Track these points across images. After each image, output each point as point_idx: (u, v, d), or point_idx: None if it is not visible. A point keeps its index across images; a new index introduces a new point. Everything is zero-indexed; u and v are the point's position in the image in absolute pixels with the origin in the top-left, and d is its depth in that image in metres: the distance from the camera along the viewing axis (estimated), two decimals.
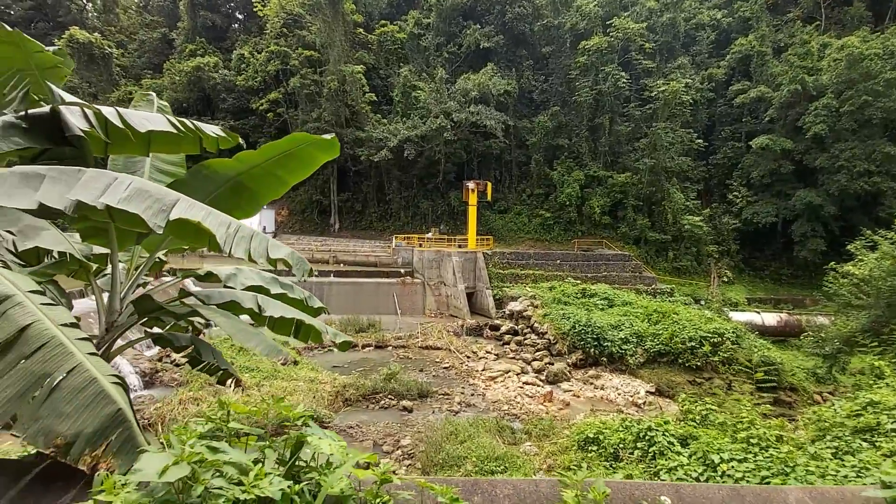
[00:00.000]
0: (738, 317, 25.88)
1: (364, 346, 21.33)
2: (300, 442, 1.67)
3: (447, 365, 19.61)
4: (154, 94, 4.84)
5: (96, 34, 38.60)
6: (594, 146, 36.16)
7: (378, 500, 1.57)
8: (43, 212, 3.13)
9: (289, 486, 1.41)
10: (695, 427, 10.05)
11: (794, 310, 29.07)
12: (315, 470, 1.61)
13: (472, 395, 16.89)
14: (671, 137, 33.31)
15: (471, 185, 30.05)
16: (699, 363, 18.87)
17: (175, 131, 3.58)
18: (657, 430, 9.64)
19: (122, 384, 1.85)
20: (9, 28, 2.86)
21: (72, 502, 1.59)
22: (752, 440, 8.00)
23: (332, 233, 37.35)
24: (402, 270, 28.30)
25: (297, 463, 1.65)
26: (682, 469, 8.10)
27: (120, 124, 3.07)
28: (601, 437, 10.29)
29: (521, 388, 17.94)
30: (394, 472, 1.70)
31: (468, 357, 20.80)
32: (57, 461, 1.67)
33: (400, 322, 24.57)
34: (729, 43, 39.37)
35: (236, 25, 42.93)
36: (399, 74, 36.88)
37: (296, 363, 18.47)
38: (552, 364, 19.85)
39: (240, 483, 1.37)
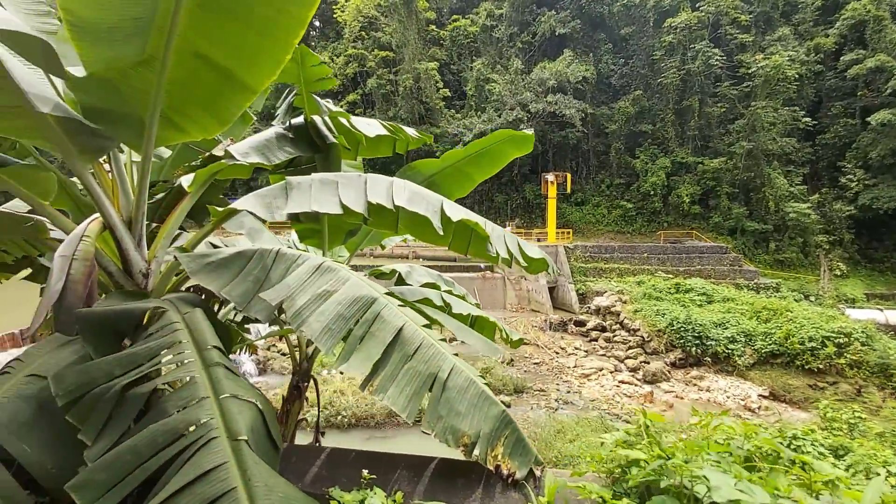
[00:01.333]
0: (857, 314, 23.08)
1: (451, 341, 21.59)
2: None
3: (537, 360, 19.37)
4: (329, 101, 5.06)
5: None
6: (681, 130, 33.83)
7: None
8: (310, 216, 3.30)
9: None
10: (843, 437, 9.07)
11: None
12: None
13: (568, 392, 16.55)
14: (772, 117, 30.32)
15: (550, 177, 29.35)
16: (820, 365, 17.11)
17: (390, 134, 3.70)
18: (805, 439, 8.84)
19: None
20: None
21: (485, 498, 1.64)
22: None
23: None
24: (482, 265, 28.25)
25: None
26: (841, 482, 7.33)
27: (367, 131, 3.20)
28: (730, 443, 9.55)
29: (618, 386, 17.30)
30: None
31: (556, 353, 20.41)
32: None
33: None
34: (838, 8, 34.97)
35: (314, 32, 44.98)
36: (472, 68, 36.72)
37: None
38: (648, 363, 18.94)
39: None
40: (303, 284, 1.86)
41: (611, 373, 18.58)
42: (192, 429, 1.34)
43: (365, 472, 1.80)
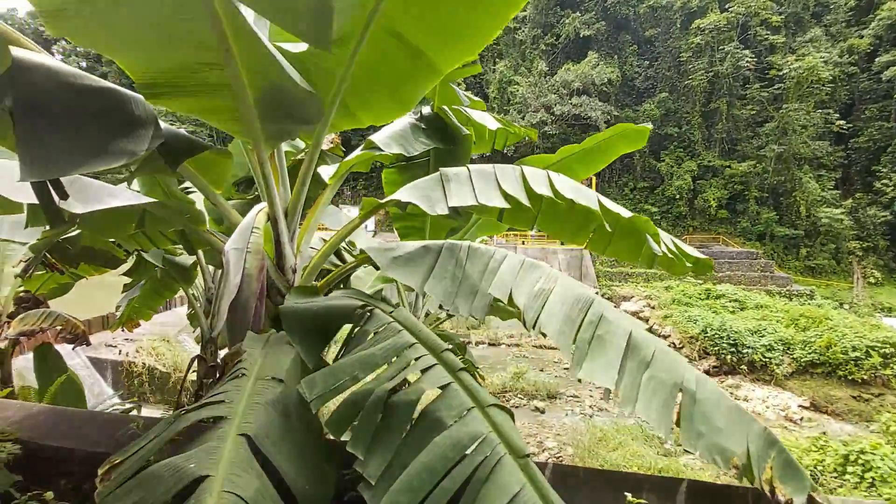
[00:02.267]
0: (894, 324, 22.32)
1: (478, 343, 21.41)
2: None
3: (567, 365, 19.02)
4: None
5: None
6: (708, 133, 33.23)
7: None
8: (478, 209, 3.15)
9: None
10: None
11: None
12: None
13: (602, 398, 16.21)
14: (805, 120, 29.62)
15: None
16: (864, 376, 16.51)
17: (503, 127, 3.54)
18: (874, 454, 8.49)
19: None
20: None
21: None
22: None
23: None
24: None
25: None
26: None
27: (488, 124, 3.04)
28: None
29: None
30: None
31: None
32: None
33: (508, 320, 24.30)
34: (873, 9, 34.12)
35: None
36: (494, 70, 36.55)
37: None
38: None
39: None
40: (517, 281, 1.69)
41: None
42: (475, 444, 1.17)
43: (629, 496, 1.60)
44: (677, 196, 32.16)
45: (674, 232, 33.04)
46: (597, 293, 1.81)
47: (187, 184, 4.04)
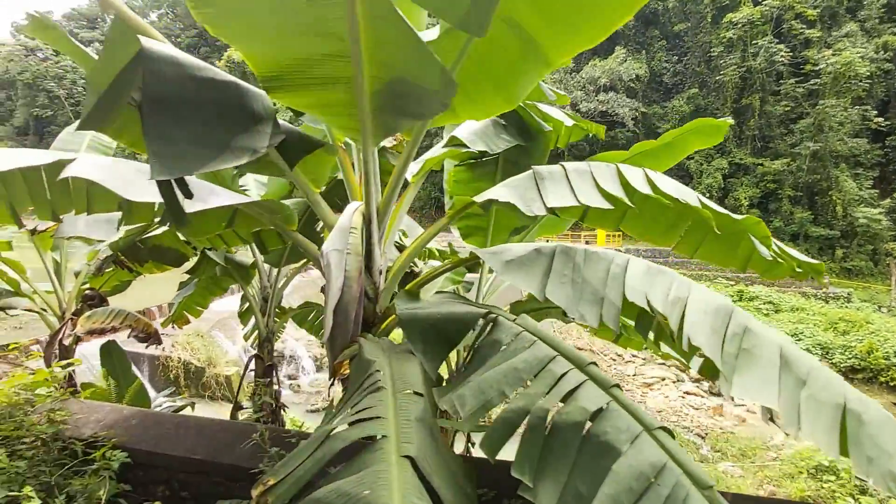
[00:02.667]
0: None
1: None
2: None
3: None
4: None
5: None
6: (740, 130, 32.26)
7: None
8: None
9: None
10: None
11: None
12: None
13: (632, 401, 15.88)
14: (842, 116, 28.50)
15: None
16: None
17: (577, 123, 3.40)
18: None
19: None
20: None
21: None
22: None
23: (450, 230, 37.88)
24: None
25: None
26: None
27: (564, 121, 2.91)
28: (838, 465, 8.82)
29: (683, 397, 16.49)
30: None
31: (613, 360, 19.70)
32: None
33: None
34: None
35: None
36: None
37: None
38: None
39: None
40: (649, 288, 1.56)
41: (673, 382, 17.74)
42: (657, 475, 1.05)
43: None
44: (707, 194, 31.26)
45: None
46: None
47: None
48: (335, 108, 1.58)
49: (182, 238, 2.96)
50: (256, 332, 5.42)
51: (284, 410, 4.08)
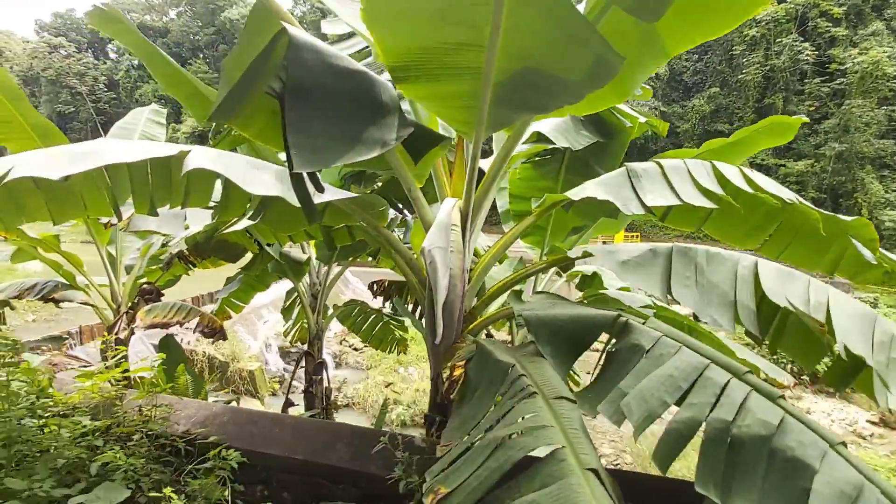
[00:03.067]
0: None
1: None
2: None
3: None
4: None
5: None
6: None
7: None
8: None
9: None
10: None
11: None
12: None
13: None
14: (868, 117, 27.83)
15: None
16: None
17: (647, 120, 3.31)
18: None
19: None
20: None
21: None
22: None
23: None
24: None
25: None
26: None
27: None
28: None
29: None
30: None
31: None
32: None
33: None
34: None
35: None
36: None
37: None
38: None
39: None
40: (787, 292, 1.48)
41: None
42: (857, 495, 0.97)
43: None
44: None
45: (701, 232, 31.71)
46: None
47: None
48: (454, 99, 1.52)
49: (248, 234, 2.93)
50: (296, 329, 5.42)
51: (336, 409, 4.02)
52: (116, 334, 3.71)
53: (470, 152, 1.71)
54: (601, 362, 1.39)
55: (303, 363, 4.30)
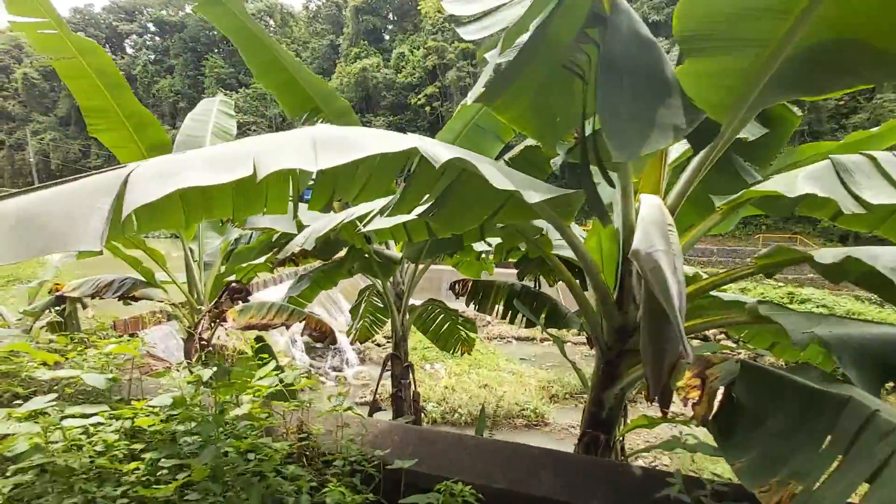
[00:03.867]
0: None
1: (542, 340, 20.86)
2: None
3: None
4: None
5: None
6: None
7: None
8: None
9: None
10: None
11: None
12: None
13: (676, 402, 15.39)
14: None
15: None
16: None
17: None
18: None
19: None
20: None
21: None
22: None
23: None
24: None
25: None
26: None
27: None
28: None
29: None
30: None
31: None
32: None
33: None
34: None
35: (391, 27, 45.14)
36: None
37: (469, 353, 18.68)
38: None
39: None
40: None
41: None
42: None
43: None
44: None
45: (744, 231, 31.18)
46: None
47: None
48: (723, 77, 1.30)
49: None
50: (355, 330, 5.24)
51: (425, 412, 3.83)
52: (200, 334, 3.55)
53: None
54: None
55: (388, 366, 4.12)
